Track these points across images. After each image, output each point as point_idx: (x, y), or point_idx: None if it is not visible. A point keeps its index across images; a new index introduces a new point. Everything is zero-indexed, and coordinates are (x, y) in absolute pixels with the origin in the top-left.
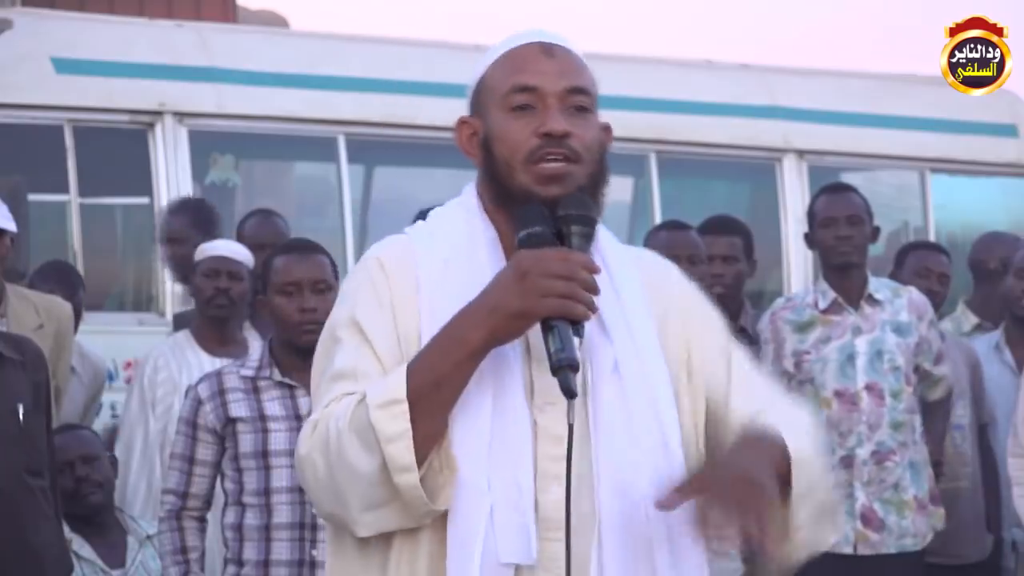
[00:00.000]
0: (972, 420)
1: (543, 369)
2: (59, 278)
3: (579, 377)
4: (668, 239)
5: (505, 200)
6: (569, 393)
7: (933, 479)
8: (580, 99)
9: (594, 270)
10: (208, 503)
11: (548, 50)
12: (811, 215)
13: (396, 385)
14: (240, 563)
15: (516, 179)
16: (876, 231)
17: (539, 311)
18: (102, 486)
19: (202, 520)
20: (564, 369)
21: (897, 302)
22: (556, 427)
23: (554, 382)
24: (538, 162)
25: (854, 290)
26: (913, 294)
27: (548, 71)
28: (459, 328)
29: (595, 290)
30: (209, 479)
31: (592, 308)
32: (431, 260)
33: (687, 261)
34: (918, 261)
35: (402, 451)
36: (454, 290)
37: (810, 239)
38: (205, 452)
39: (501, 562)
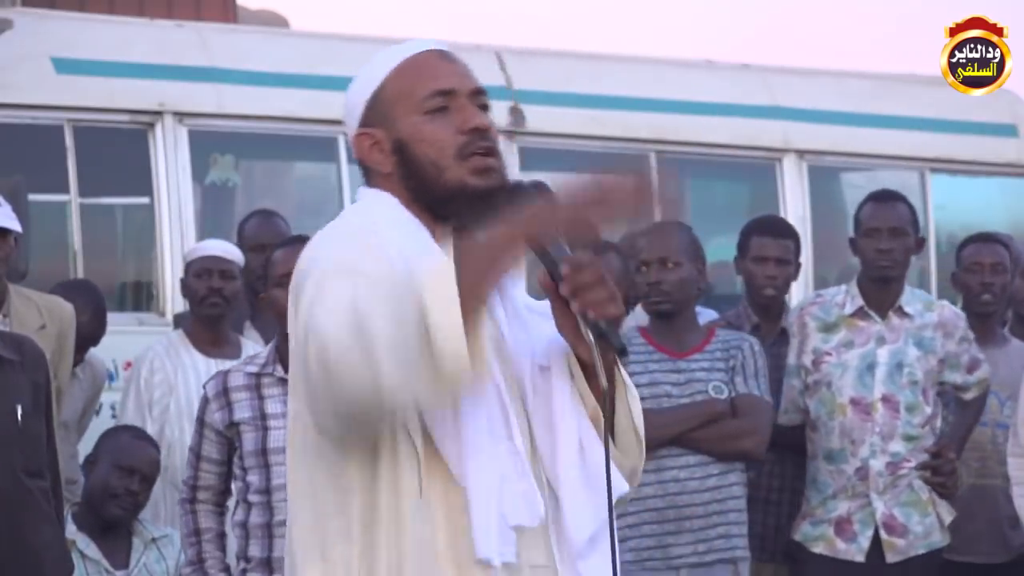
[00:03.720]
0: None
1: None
2: (87, 298)
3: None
4: None
5: (429, 199)
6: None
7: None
8: (483, 99)
9: None
10: (222, 495)
11: (445, 55)
12: (856, 222)
13: (439, 258)
14: (247, 559)
15: (447, 176)
16: (921, 241)
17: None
18: (137, 509)
19: (219, 505)
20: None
21: (927, 316)
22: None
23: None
24: (470, 156)
25: (886, 301)
26: (945, 310)
27: (456, 73)
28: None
29: None
30: (217, 475)
31: None
32: (395, 246)
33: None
34: (970, 256)
35: (446, 293)
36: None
37: (854, 245)
38: (210, 449)
39: (511, 525)
